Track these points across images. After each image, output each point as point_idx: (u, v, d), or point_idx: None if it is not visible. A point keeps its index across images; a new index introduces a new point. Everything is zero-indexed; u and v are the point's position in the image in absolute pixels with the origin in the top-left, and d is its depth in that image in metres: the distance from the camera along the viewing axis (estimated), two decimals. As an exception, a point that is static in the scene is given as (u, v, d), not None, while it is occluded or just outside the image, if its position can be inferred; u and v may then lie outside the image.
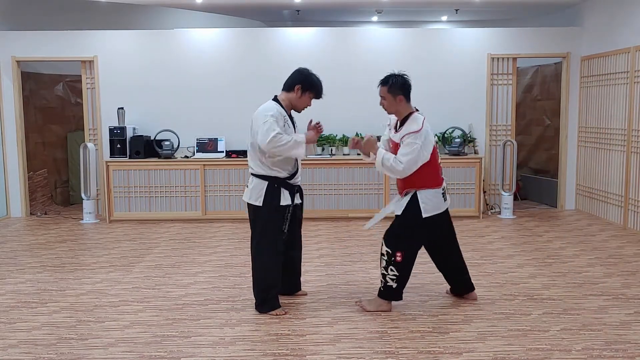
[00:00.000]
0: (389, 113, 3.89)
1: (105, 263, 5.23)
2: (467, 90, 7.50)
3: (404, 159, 3.69)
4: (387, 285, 3.83)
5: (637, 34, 6.35)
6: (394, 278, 3.79)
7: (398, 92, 3.76)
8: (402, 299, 3.93)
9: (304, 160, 6.99)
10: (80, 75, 7.61)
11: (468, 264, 5.02)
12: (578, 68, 7.54)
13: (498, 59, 7.56)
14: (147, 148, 7.20)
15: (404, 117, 3.81)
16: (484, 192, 7.41)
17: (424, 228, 3.82)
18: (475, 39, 7.54)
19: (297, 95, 3.86)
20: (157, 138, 7.23)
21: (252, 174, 3.89)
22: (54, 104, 8.34)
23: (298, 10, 9.03)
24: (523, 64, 8.41)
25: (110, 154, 7.21)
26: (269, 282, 3.88)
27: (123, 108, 7.30)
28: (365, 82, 6.85)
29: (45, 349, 3.34)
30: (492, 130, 7.61)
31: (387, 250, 3.79)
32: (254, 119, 3.80)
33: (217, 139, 7.30)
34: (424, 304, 4.01)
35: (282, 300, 4.08)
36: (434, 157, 3.82)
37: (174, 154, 7.22)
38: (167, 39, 7.53)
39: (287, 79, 3.92)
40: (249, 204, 3.88)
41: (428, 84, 7.20)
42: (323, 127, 3.96)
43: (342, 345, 3.34)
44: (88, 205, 7.21)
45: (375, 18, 9.95)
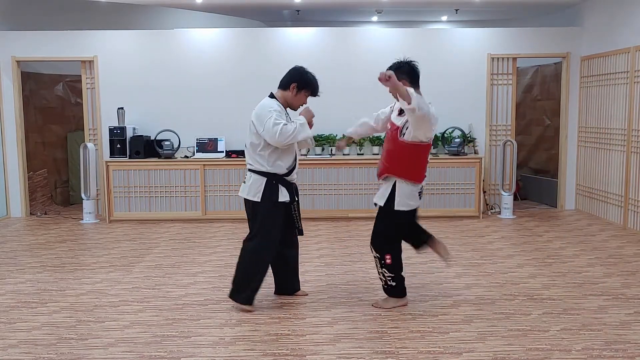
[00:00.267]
0: (394, 97, 3.89)
1: (105, 263, 5.23)
2: (467, 90, 7.49)
3: (420, 103, 3.55)
4: (389, 285, 3.90)
5: (637, 34, 6.35)
6: (391, 278, 3.87)
7: (403, 76, 3.77)
8: (406, 293, 3.98)
9: (304, 160, 7.04)
10: (80, 75, 7.61)
11: (468, 264, 5.06)
12: (578, 68, 7.54)
13: (498, 59, 7.56)
14: (147, 148, 7.20)
15: None
16: (484, 192, 7.41)
17: (399, 222, 3.85)
18: (475, 39, 7.54)
19: (292, 94, 3.88)
20: (157, 138, 7.24)
21: (250, 170, 3.90)
22: (54, 104, 8.34)
23: (298, 10, 9.03)
24: (523, 64, 8.41)
25: (110, 154, 7.21)
26: (258, 277, 3.88)
27: (123, 108, 7.30)
28: (365, 82, 6.87)
29: (45, 349, 3.34)
30: (492, 130, 7.61)
31: (376, 256, 3.88)
32: (257, 116, 3.81)
33: (217, 139, 7.30)
34: (424, 304, 4.01)
35: (282, 300, 4.09)
36: (426, 151, 3.81)
37: (175, 154, 7.23)
38: (167, 39, 7.53)
39: (283, 77, 3.93)
40: (247, 200, 3.89)
41: (428, 84, 7.04)
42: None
43: (342, 345, 3.34)
44: (88, 205, 7.21)
45: (375, 18, 9.95)
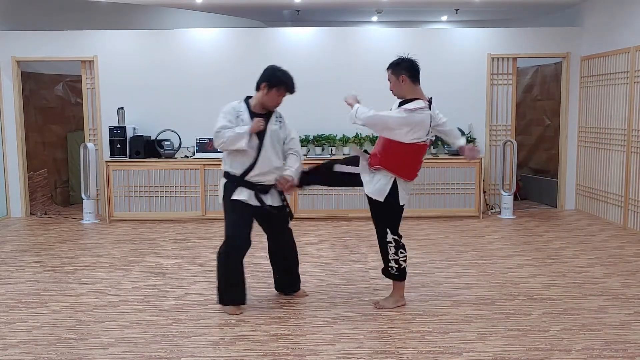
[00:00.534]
0: (394, 94, 3.90)
1: (105, 263, 5.23)
2: (467, 90, 7.49)
3: (374, 112, 3.72)
4: (400, 268, 3.92)
5: (637, 34, 6.35)
6: (405, 257, 3.92)
7: (402, 71, 3.79)
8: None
9: (305, 160, 7.02)
10: (80, 75, 7.62)
11: (468, 264, 5.06)
12: (578, 68, 7.54)
13: (498, 59, 7.56)
14: (147, 148, 7.20)
15: (407, 99, 3.79)
16: (484, 192, 7.41)
17: (395, 209, 3.88)
18: (475, 39, 7.54)
19: (263, 93, 3.88)
20: (158, 138, 7.24)
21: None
22: (54, 104, 8.34)
23: (298, 10, 9.03)
24: (523, 64, 8.41)
25: (110, 154, 7.21)
26: (231, 279, 3.85)
27: (123, 108, 7.30)
28: (366, 82, 6.86)
29: (45, 349, 3.34)
30: (492, 130, 7.61)
31: (393, 238, 3.87)
32: None
33: (217, 139, 7.29)
34: (424, 304, 4.01)
35: (282, 300, 4.09)
36: (417, 152, 3.80)
37: (176, 154, 7.22)
38: (167, 39, 7.53)
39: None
40: None
41: (428, 84, 7.04)
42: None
43: (342, 345, 3.33)
44: (88, 205, 7.21)
45: (375, 18, 9.95)
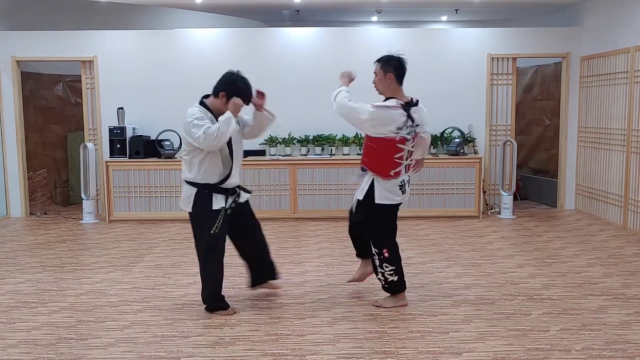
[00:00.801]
0: (376, 88, 3.87)
1: (105, 263, 5.23)
2: (467, 90, 7.49)
3: (347, 102, 3.77)
4: (389, 281, 3.88)
5: (637, 34, 6.35)
6: (392, 271, 3.85)
7: (390, 69, 3.76)
8: (406, 287, 3.97)
9: (305, 160, 7.04)
10: (80, 75, 7.61)
11: (468, 264, 5.06)
12: (578, 68, 7.54)
13: (498, 59, 7.56)
14: (147, 148, 7.19)
15: (387, 98, 3.79)
16: (484, 192, 7.41)
17: (385, 214, 3.86)
18: (475, 39, 7.54)
19: (222, 102, 3.77)
20: (158, 138, 7.23)
21: (184, 180, 3.80)
22: (54, 104, 8.34)
23: (298, 10, 9.03)
24: (523, 64, 8.40)
25: (110, 154, 7.21)
26: (217, 288, 3.85)
27: (123, 108, 7.30)
28: (365, 82, 6.84)
29: (45, 349, 3.33)
30: (492, 130, 7.61)
31: (375, 251, 3.87)
32: (184, 130, 3.72)
33: (217, 139, 7.28)
34: (424, 304, 4.01)
35: (282, 300, 4.09)
36: (386, 147, 3.74)
37: (176, 154, 7.21)
38: (167, 39, 7.53)
39: (215, 84, 3.83)
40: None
41: (428, 84, 7.19)
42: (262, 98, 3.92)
43: (341, 345, 3.33)
44: (88, 205, 7.21)
45: (375, 18, 9.95)
